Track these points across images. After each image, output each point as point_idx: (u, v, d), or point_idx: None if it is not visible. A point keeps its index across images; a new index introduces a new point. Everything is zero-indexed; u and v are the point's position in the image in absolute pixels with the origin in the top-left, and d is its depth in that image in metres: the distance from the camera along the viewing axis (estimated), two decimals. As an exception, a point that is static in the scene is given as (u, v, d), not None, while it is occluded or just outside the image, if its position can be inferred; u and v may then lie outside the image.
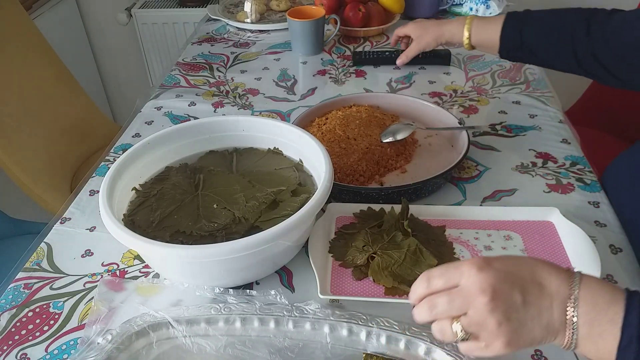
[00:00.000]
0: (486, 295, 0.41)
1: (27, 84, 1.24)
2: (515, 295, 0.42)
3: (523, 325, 0.42)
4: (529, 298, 0.42)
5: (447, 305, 0.44)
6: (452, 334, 0.44)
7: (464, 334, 0.43)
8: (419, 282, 0.46)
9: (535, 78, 1.03)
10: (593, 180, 0.75)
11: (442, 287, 0.44)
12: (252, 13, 1.33)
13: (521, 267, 0.44)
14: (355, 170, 0.75)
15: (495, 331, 0.42)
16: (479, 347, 0.44)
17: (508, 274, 0.43)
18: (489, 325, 0.42)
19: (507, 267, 0.43)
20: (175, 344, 0.55)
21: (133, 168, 0.67)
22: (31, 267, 0.66)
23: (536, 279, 0.43)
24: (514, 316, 0.42)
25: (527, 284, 0.43)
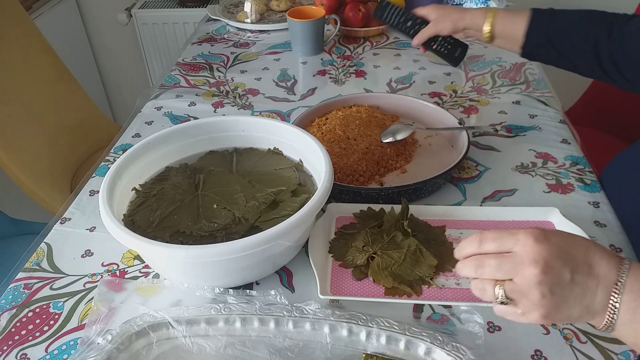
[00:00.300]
0: (537, 267, 0.42)
1: (27, 84, 1.24)
2: (564, 272, 0.42)
3: (565, 302, 0.43)
4: (577, 277, 0.43)
5: (496, 268, 0.44)
6: (492, 295, 0.45)
7: (504, 299, 0.44)
8: (469, 241, 0.46)
9: (535, 78, 1.03)
10: (593, 180, 0.75)
11: (493, 250, 0.45)
12: (252, 13, 1.33)
13: (576, 246, 0.44)
14: (355, 170, 0.75)
15: (536, 302, 0.43)
16: (514, 313, 0.45)
17: (562, 251, 0.43)
18: (532, 296, 0.43)
19: (563, 244, 0.44)
20: (175, 344, 0.55)
21: (133, 168, 0.67)
22: (31, 267, 0.66)
23: (587, 260, 0.43)
24: (558, 292, 0.43)
25: (578, 264, 0.43)
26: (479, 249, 0.46)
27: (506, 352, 0.53)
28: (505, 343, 0.54)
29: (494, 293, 0.45)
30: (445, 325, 0.56)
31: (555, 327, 0.55)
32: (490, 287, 0.45)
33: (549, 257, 0.42)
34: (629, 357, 0.52)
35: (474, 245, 0.46)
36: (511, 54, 1.09)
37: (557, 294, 0.43)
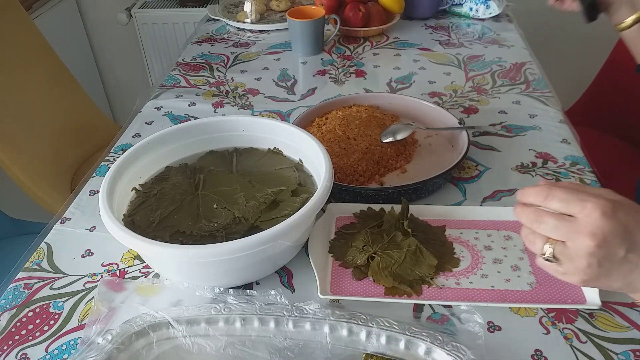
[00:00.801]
0: (593, 240, 0.42)
1: (27, 84, 1.24)
2: (619, 250, 0.43)
3: (609, 275, 0.44)
4: (630, 256, 0.43)
5: (552, 228, 0.45)
6: (540, 250, 0.46)
7: (551, 257, 0.45)
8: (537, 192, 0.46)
9: (535, 78, 1.03)
10: (593, 181, 0.75)
11: (557, 209, 0.45)
12: (252, 13, 1.33)
13: None
14: (355, 170, 0.75)
15: (580, 268, 0.44)
16: (556, 270, 0.46)
17: (625, 230, 0.43)
18: (578, 263, 0.44)
19: (629, 223, 0.43)
20: (175, 344, 0.55)
21: (133, 168, 0.67)
22: (31, 267, 0.66)
23: None
24: (605, 265, 0.43)
25: (636, 244, 0.43)
26: (543, 203, 0.46)
27: (506, 352, 0.53)
28: (505, 343, 0.54)
29: (542, 248, 0.46)
30: (445, 325, 0.56)
31: (555, 327, 0.55)
32: (541, 242, 0.46)
33: (609, 234, 0.42)
34: (629, 357, 0.52)
35: (539, 198, 0.46)
36: (511, 54, 1.09)
37: (603, 267, 0.43)
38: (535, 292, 0.58)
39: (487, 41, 1.20)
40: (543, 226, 0.45)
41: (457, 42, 1.20)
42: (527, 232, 0.47)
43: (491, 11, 1.29)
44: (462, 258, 0.63)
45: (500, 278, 0.60)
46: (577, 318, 0.56)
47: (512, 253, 0.63)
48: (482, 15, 1.30)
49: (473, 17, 1.31)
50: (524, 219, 0.47)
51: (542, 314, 0.57)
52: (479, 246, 0.65)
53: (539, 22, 1.75)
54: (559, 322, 0.56)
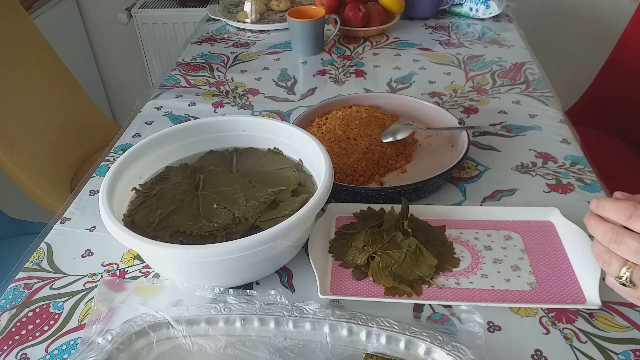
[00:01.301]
0: None
1: (27, 84, 1.24)
2: None
3: None
4: None
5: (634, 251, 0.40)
6: (616, 272, 0.42)
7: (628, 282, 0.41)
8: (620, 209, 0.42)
9: (535, 78, 1.03)
10: (593, 180, 0.75)
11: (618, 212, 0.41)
12: (252, 13, 1.33)
13: None
14: (355, 170, 0.75)
15: None
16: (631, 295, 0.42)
17: None
18: None
19: None
20: (175, 344, 0.55)
21: (133, 168, 0.67)
22: (31, 267, 0.66)
23: None
24: None
25: None
26: (626, 223, 0.41)
27: (506, 352, 0.53)
28: (505, 343, 0.54)
29: (618, 271, 0.41)
30: (445, 325, 0.56)
31: (555, 327, 0.55)
32: (618, 264, 0.42)
33: None
34: (629, 357, 0.52)
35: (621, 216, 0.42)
36: (511, 54, 1.09)
37: None
38: (535, 292, 0.58)
39: (487, 41, 1.20)
40: (623, 247, 0.41)
41: (457, 42, 1.20)
42: (602, 250, 0.43)
43: (491, 11, 1.29)
44: (462, 258, 0.63)
45: (500, 278, 0.60)
46: (577, 318, 0.56)
47: (512, 253, 0.63)
48: (482, 15, 1.30)
49: (473, 17, 1.31)
50: (601, 235, 0.43)
51: (542, 314, 0.57)
52: (479, 246, 0.65)
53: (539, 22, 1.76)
54: (559, 322, 0.56)
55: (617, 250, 0.42)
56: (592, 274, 0.58)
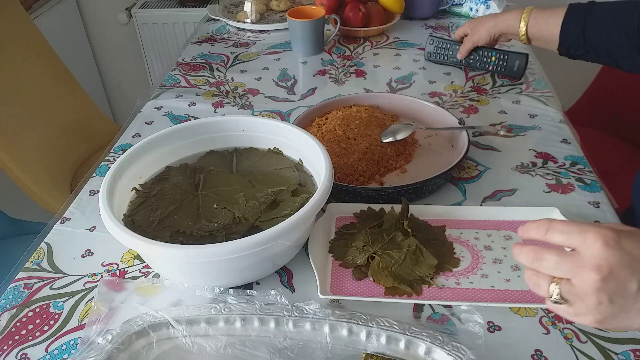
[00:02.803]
0: (599, 274, 0.39)
1: (27, 84, 1.24)
2: (631, 283, 0.39)
3: (624, 312, 0.40)
4: None
5: (555, 265, 0.41)
6: (547, 292, 0.42)
7: (559, 298, 0.41)
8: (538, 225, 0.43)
9: (535, 78, 1.03)
10: (593, 180, 0.75)
11: (559, 243, 0.42)
12: (252, 13, 1.33)
13: None
14: (355, 170, 0.75)
15: (592, 308, 0.40)
16: (567, 312, 0.42)
17: (633, 260, 0.39)
18: (588, 301, 0.40)
19: (636, 252, 0.39)
20: (175, 344, 0.55)
21: (133, 168, 0.67)
22: (31, 267, 0.66)
23: None
24: (618, 301, 0.39)
25: None
26: (544, 237, 0.43)
27: (506, 352, 0.53)
28: (505, 343, 0.54)
29: (548, 290, 0.42)
30: (445, 325, 0.56)
31: (555, 327, 0.55)
32: (546, 283, 0.42)
33: (615, 265, 0.39)
34: (629, 357, 0.52)
35: (540, 232, 0.43)
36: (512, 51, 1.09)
37: (616, 303, 0.39)
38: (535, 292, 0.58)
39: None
40: (545, 263, 0.42)
41: (457, 42, 1.20)
42: (530, 273, 0.44)
43: (491, 11, 1.29)
44: (462, 258, 0.63)
45: (500, 278, 0.60)
46: (577, 318, 0.56)
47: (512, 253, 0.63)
48: (482, 15, 1.30)
49: (473, 17, 1.31)
50: (523, 258, 0.43)
51: (542, 314, 0.57)
52: (479, 246, 0.65)
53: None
54: (559, 322, 0.56)
55: (540, 268, 0.42)
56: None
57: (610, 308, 0.39)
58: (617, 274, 0.39)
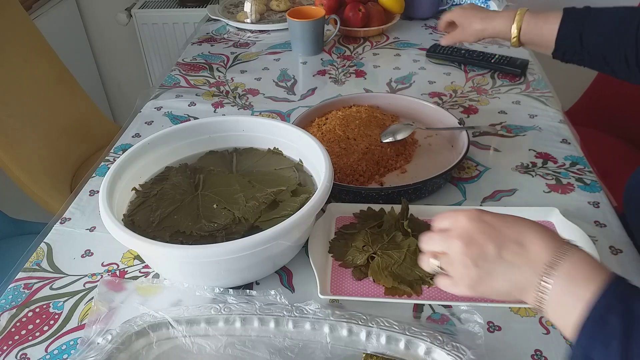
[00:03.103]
0: (462, 241, 0.46)
1: (27, 84, 1.24)
2: (489, 247, 0.45)
3: (490, 275, 0.45)
4: (504, 253, 0.45)
5: (435, 242, 0.49)
6: (429, 266, 0.50)
7: (439, 269, 0.49)
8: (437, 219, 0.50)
9: (535, 78, 1.03)
10: (593, 180, 0.75)
11: (443, 227, 0.49)
12: (252, 13, 1.32)
13: (510, 226, 0.46)
14: (355, 170, 0.75)
15: (461, 272, 0.47)
16: (448, 283, 0.49)
17: (491, 229, 0.46)
18: (457, 266, 0.47)
19: (495, 223, 0.46)
20: (175, 344, 0.55)
21: (133, 168, 0.68)
22: (31, 267, 0.66)
23: (519, 239, 0.45)
24: (482, 265, 0.45)
25: (507, 242, 0.45)
26: (435, 227, 0.50)
27: (506, 352, 0.53)
28: (505, 343, 0.54)
29: (429, 264, 0.50)
30: (445, 325, 0.56)
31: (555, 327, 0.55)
32: (428, 258, 0.50)
33: (475, 233, 0.46)
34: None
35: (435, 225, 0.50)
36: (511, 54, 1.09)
37: (481, 267, 0.45)
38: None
39: (487, 41, 1.20)
40: (430, 242, 0.49)
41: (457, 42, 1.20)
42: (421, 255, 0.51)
43: (491, 11, 1.29)
44: (462, 258, 0.63)
45: (500, 278, 0.60)
46: (577, 318, 0.56)
47: None
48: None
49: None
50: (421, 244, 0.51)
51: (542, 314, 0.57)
52: (479, 246, 0.64)
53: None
54: (559, 322, 0.56)
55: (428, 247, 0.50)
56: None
57: (476, 271, 0.45)
58: (477, 240, 0.46)
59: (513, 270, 0.44)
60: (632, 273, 0.61)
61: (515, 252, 0.45)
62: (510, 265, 0.45)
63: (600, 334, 0.39)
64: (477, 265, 0.45)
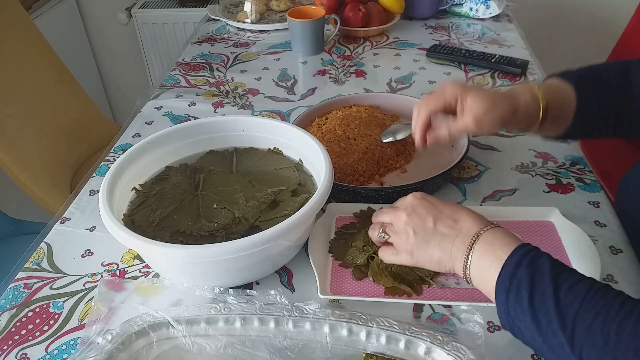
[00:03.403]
0: (406, 212, 0.55)
1: (27, 84, 1.24)
2: (428, 219, 0.54)
3: (426, 243, 0.54)
4: (439, 226, 0.53)
5: (384, 214, 0.59)
6: (377, 235, 0.58)
7: (382, 234, 0.58)
8: None
9: (535, 78, 1.03)
10: (593, 180, 0.75)
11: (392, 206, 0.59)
12: (252, 13, 1.33)
13: (447, 205, 0.55)
14: (355, 170, 0.75)
15: (403, 240, 0.55)
16: (390, 253, 0.58)
17: (431, 206, 0.55)
18: (401, 235, 0.55)
19: (435, 202, 0.56)
20: (175, 344, 0.55)
21: (133, 168, 0.68)
22: (31, 267, 0.66)
23: (454, 216, 0.54)
24: (420, 233, 0.54)
25: (443, 217, 0.54)
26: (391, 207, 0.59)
27: (506, 352, 0.53)
28: (505, 343, 0.54)
29: (377, 233, 0.58)
30: (445, 325, 0.56)
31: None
32: (378, 228, 0.58)
33: (417, 207, 0.55)
34: (629, 357, 0.52)
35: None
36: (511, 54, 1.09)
37: (419, 235, 0.54)
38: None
39: (487, 41, 1.20)
40: (380, 215, 0.59)
41: (457, 42, 1.20)
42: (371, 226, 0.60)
43: (491, 11, 1.29)
44: (462, 258, 0.63)
45: (500, 278, 0.60)
46: (577, 318, 0.56)
47: None
48: (482, 15, 1.30)
49: (473, 17, 1.31)
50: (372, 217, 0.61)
51: (542, 314, 0.57)
52: (479, 246, 0.64)
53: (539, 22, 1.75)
54: (559, 322, 0.56)
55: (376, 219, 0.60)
56: (591, 274, 0.57)
57: (415, 239, 0.54)
58: (418, 213, 0.55)
59: (446, 240, 0.52)
60: (632, 273, 0.61)
61: (449, 225, 0.53)
62: (445, 236, 0.53)
63: (512, 285, 0.46)
64: (417, 233, 0.54)
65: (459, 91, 0.63)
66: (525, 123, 0.65)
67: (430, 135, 0.68)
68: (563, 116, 0.65)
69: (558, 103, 0.64)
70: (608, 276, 0.60)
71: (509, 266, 0.47)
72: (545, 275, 0.45)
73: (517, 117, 0.63)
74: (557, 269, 0.46)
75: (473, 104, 0.62)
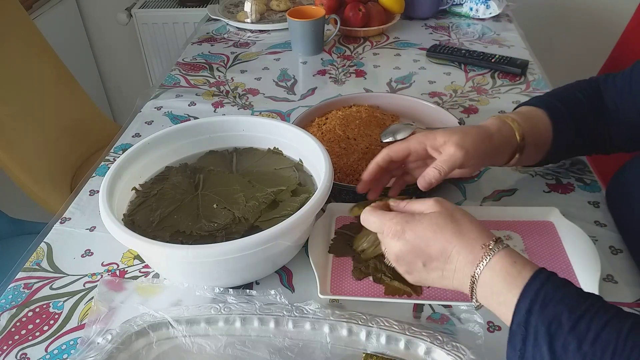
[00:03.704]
0: (391, 257, 0.53)
1: (27, 84, 1.24)
2: (417, 263, 0.51)
3: (425, 279, 0.52)
4: (432, 265, 0.50)
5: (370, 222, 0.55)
6: None
7: None
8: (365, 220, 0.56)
9: (535, 78, 1.03)
10: (593, 180, 0.75)
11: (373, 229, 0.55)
12: (252, 13, 1.33)
13: (431, 244, 0.49)
14: (355, 170, 0.75)
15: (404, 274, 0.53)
16: None
17: (415, 248, 0.50)
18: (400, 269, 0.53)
19: (418, 242, 0.50)
20: (175, 344, 0.55)
21: (133, 168, 0.68)
22: (31, 267, 0.66)
23: (444, 254, 0.49)
24: (415, 274, 0.52)
25: (432, 258, 0.50)
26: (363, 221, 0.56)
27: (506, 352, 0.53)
28: (505, 343, 0.54)
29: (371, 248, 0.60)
30: (445, 325, 0.56)
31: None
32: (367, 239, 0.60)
33: (400, 253, 0.51)
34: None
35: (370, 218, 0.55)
36: (511, 54, 1.09)
37: (415, 275, 0.52)
38: None
39: (487, 41, 1.20)
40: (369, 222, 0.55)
41: (457, 42, 1.20)
42: None
43: (491, 11, 1.29)
44: (462, 258, 0.63)
45: (500, 278, 0.60)
46: (577, 318, 0.56)
47: None
48: (482, 15, 1.30)
49: (473, 17, 1.32)
50: None
51: (542, 314, 0.57)
52: (479, 246, 0.64)
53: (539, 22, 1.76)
54: (559, 322, 0.56)
55: None
56: (591, 274, 0.58)
57: (413, 277, 0.53)
58: (404, 258, 0.51)
59: (445, 277, 0.50)
60: (632, 273, 0.61)
61: (442, 263, 0.49)
62: (441, 274, 0.50)
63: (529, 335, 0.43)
64: (410, 273, 0.52)
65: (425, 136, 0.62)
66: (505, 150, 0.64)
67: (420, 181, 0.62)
68: (541, 140, 0.66)
69: (533, 127, 0.65)
70: (608, 276, 0.60)
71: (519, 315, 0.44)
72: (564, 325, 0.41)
73: (495, 141, 0.62)
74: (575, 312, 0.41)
75: (447, 137, 0.60)
